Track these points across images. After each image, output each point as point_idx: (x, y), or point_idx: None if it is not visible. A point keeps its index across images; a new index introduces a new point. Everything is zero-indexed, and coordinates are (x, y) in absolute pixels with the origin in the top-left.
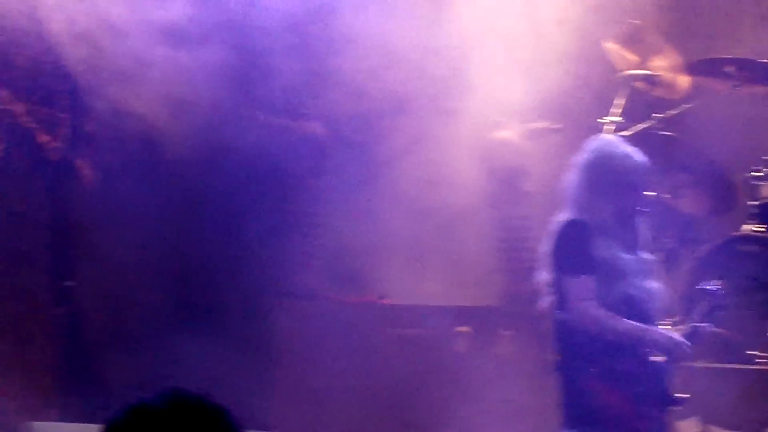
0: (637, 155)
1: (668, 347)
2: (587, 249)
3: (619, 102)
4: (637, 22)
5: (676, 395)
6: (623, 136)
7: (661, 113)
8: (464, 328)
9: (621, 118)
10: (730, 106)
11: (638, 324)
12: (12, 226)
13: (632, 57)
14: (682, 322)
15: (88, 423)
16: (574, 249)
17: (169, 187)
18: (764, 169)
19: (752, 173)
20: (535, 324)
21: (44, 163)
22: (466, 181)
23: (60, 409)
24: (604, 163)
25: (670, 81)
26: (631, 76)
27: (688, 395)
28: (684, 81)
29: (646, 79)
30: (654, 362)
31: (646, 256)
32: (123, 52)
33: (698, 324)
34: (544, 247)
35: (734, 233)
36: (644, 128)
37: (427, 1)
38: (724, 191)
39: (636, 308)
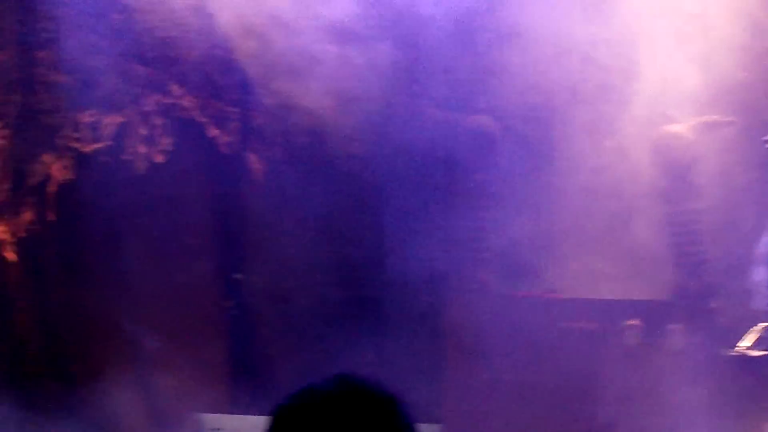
0: None
1: None
2: None
3: None
4: None
5: None
6: None
7: None
8: (634, 322)
9: None
10: None
11: None
12: (182, 219)
13: None
14: None
15: (257, 415)
16: None
17: (336, 181)
18: None
19: None
20: (706, 319)
21: (214, 157)
22: (637, 175)
23: (230, 401)
24: None
25: None
26: None
27: None
28: None
29: None
30: None
31: None
32: (291, 47)
33: None
34: (762, 247)
35: None
36: None
37: None
38: None
39: None
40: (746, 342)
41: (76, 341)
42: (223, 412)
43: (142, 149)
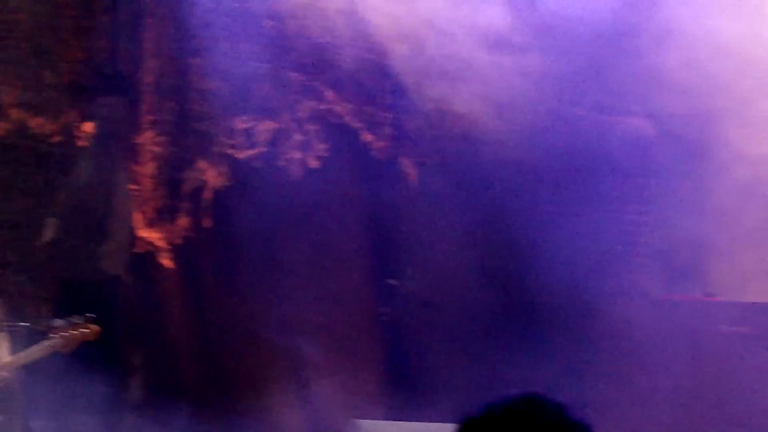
0: None
1: None
2: None
3: None
4: None
5: None
6: None
7: None
8: None
9: None
10: None
11: None
12: (336, 225)
13: None
14: None
15: (412, 421)
16: None
17: (489, 186)
18: None
19: None
20: None
21: (368, 162)
22: None
23: (385, 407)
24: None
25: None
26: None
27: None
28: None
29: None
30: None
31: None
32: (444, 52)
33: None
34: None
35: None
36: None
37: None
38: None
39: None
40: None
41: (232, 348)
42: (379, 419)
43: (297, 155)
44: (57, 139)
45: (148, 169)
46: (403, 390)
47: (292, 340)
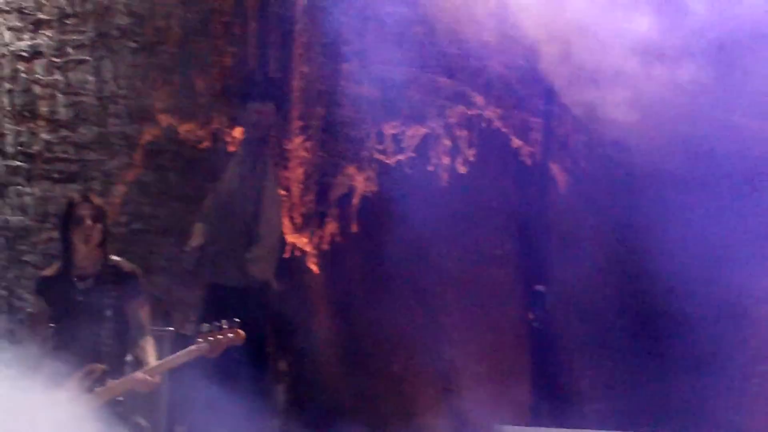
0: None
1: None
2: None
3: None
4: None
5: None
6: None
7: None
8: None
9: None
10: None
11: None
12: (486, 230)
13: None
14: None
15: (558, 428)
16: None
17: (640, 192)
18: None
19: None
20: None
21: (518, 168)
22: None
23: (531, 414)
24: None
25: None
26: None
27: None
28: None
29: None
30: None
31: None
32: (594, 58)
33: None
34: None
35: None
36: None
37: None
38: None
39: None
40: None
41: (379, 354)
42: (525, 425)
43: (446, 160)
44: (206, 144)
45: (297, 174)
46: (549, 396)
47: (439, 345)
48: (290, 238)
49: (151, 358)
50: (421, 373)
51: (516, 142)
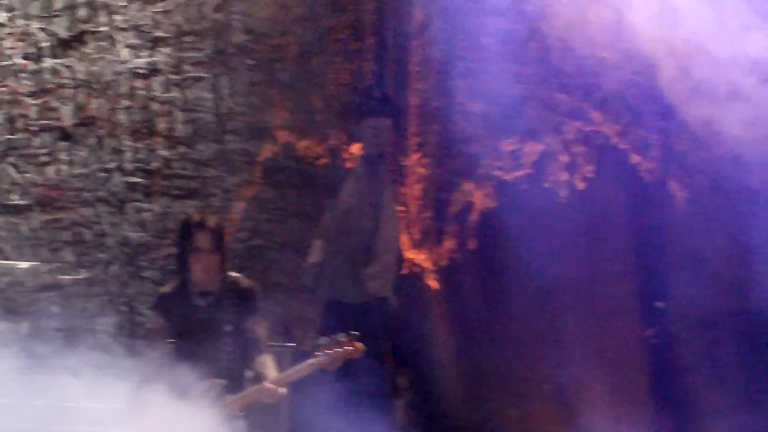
0: None
1: None
2: None
3: None
4: None
5: None
6: None
7: None
8: None
9: None
10: None
11: None
12: (605, 246)
13: None
14: None
15: None
16: None
17: (756, 208)
18: None
19: None
20: None
21: (636, 184)
22: None
23: (652, 429)
24: None
25: None
26: None
27: None
28: None
29: None
30: None
31: None
32: (712, 75)
33: None
34: None
35: None
36: None
37: None
38: None
39: None
40: None
41: (499, 370)
42: None
43: (564, 177)
44: (324, 161)
45: (414, 190)
46: (670, 414)
47: (559, 362)
48: (409, 254)
49: (272, 372)
50: (542, 390)
51: (634, 158)
